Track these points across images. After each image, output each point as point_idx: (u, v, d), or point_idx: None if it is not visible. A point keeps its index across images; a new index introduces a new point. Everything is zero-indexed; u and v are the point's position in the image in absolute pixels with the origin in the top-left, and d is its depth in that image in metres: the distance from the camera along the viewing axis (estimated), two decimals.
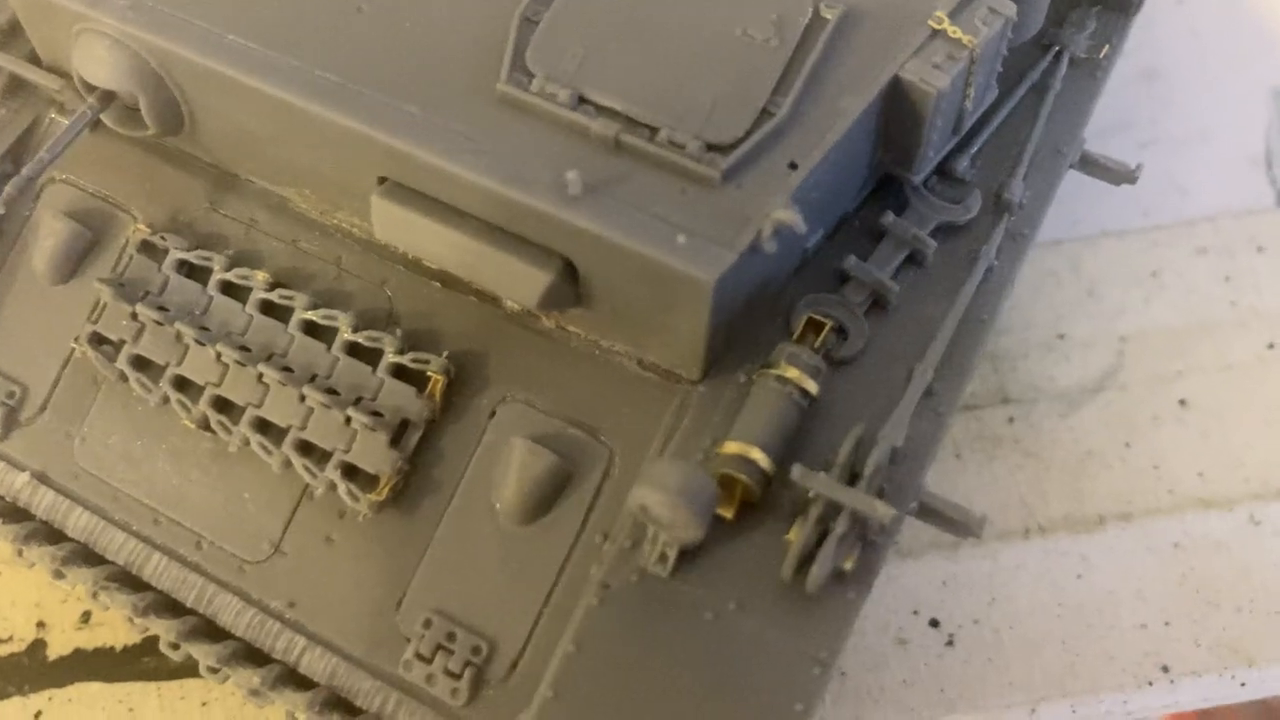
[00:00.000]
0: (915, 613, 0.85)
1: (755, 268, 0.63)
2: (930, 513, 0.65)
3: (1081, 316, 0.94)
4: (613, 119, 0.63)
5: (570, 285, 0.65)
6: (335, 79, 0.66)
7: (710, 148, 0.62)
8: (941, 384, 0.66)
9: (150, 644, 0.88)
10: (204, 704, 0.86)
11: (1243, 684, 0.83)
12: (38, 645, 0.88)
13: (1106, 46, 0.75)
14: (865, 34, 0.64)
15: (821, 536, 0.60)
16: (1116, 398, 0.91)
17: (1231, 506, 0.87)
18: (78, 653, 0.88)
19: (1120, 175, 0.74)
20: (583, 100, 0.64)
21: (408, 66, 0.66)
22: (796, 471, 0.60)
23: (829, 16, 0.64)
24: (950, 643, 0.84)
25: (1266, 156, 0.99)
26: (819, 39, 0.64)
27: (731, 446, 0.62)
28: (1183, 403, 0.90)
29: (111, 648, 0.88)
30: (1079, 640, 0.84)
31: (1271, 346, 0.92)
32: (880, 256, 0.69)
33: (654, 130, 0.63)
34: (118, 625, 0.88)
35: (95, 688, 0.87)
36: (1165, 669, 0.83)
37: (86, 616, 0.89)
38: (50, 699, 0.86)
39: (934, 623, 0.85)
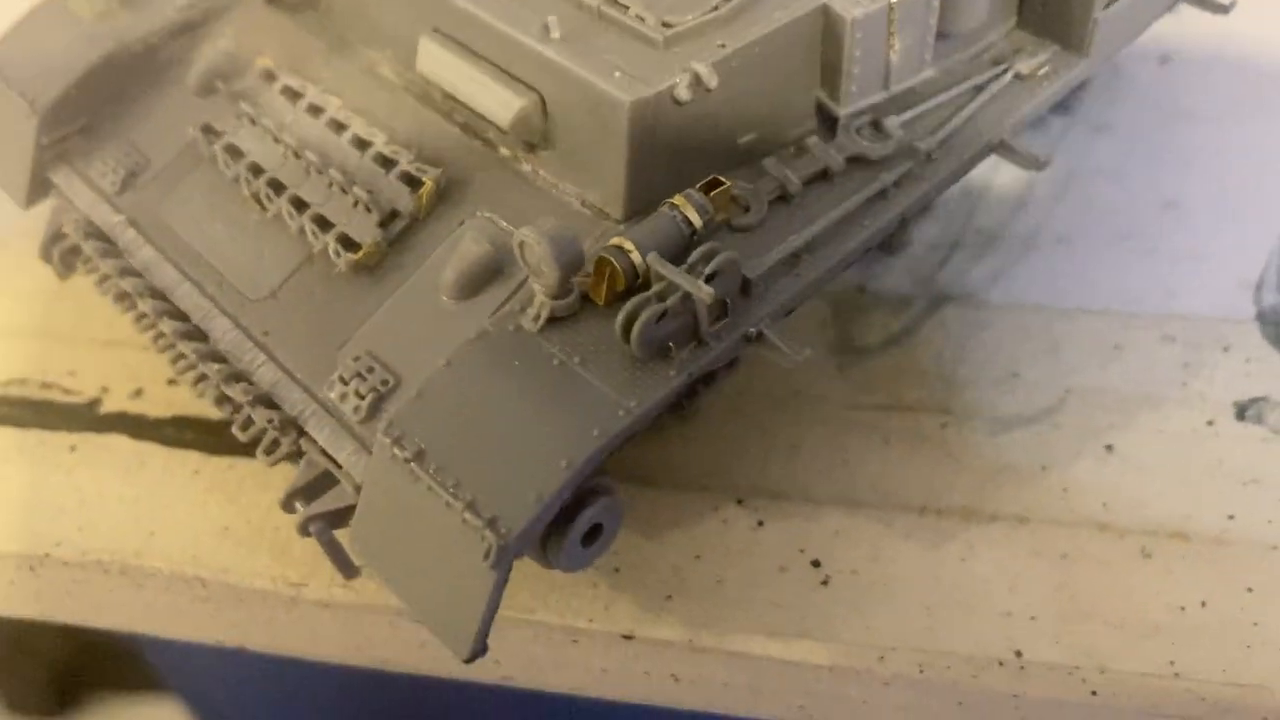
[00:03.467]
0: (802, 550, 0.92)
1: (678, 124, 0.78)
2: (764, 342, 0.76)
3: (1038, 366, 1.02)
4: None
5: (539, 117, 0.82)
6: None
7: (664, 24, 0.79)
8: (809, 256, 0.78)
9: (175, 420, 1.06)
10: (196, 471, 1.02)
11: (1093, 691, 0.85)
12: (95, 402, 1.08)
13: (1046, 68, 0.88)
14: None
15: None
16: (1048, 432, 0.97)
17: (1125, 536, 0.90)
18: (122, 414, 1.07)
19: (1029, 162, 0.86)
20: None
21: None
22: (651, 257, 0.73)
23: None
24: (825, 583, 0.90)
25: (1258, 282, 1.05)
26: None
27: (614, 240, 0.76)
28: (1109, 448, 0.96)
29: (146, 416, 1.06)
30: (944, 610, 0.88)
31: (1211, 424, 0.96)
32: (797, 165, 0.82)
33: (627, 8, 0.81)
34: (158, 402, 1.06)
35: (123, 440, 1.05)
36: (1018, 653, 0.86)
37: (139, 392, 1.08)
38: (86, 439, 1.05)
39: (816, 563, 0.92)
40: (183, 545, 0.97)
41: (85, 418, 1.07)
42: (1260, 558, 0.88)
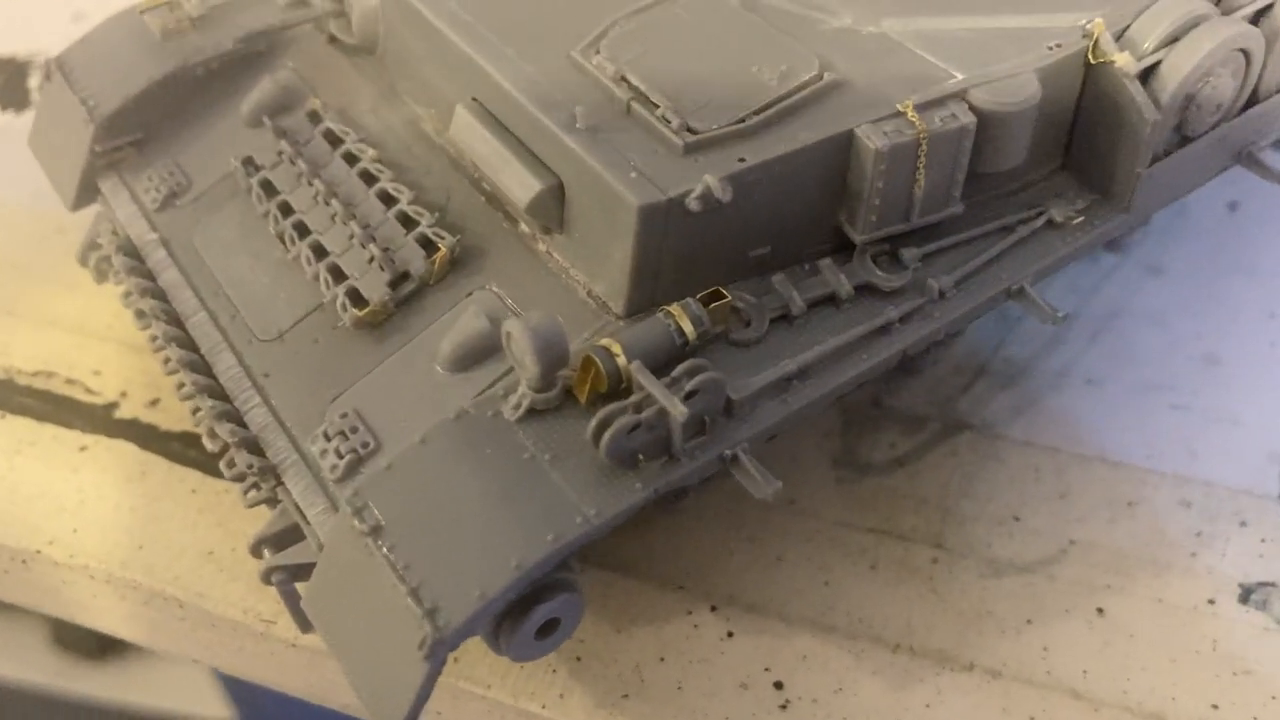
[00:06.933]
0: (767, 669, 0.91)
1: (687, 231, 0.78)
2: (739, 466, 0.74)
3: (1043, 511, 0.99)
4: (633, 92, 0.81)
5: (557, 202, 0.82)
6: (472, 20, 0.89)
7: (688, 129, 0.79)
8: (800, 383, 0.77)
9: (183, 435, 1.08)
10: (193, 490, 1.03)
11: None
12: (112, 405, 1.10)
13: (1081, 218, 0.85)
14: (845, 98, 0.80)
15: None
16: (1040, 583, 0.94)
17: (1100, 709, 0.87)
18: (135, 421, 1.09)
19: (1046, 315, 0.83)
20: (623, 78, 0.83)
21: (526, 27, 0.88)
22: (634, 364, 0.72)
23: (825, 79, 0.81)
24: (784, 707, 0.89)
25: None
26: (808, 89, 0.80)
27: (602, 341, 0.75)
28: (1100, 611, 0.92)
29: (157, 427, 1.08)
30: None
31: (1212, 602, 0.93)
32: (805, 286, 0.81)
33: (656, 106, 0.80)
34: (172, 415, 1.08)
35: (131, 447, 1.07)
36: None
37: (155, 402, 1.10)
38: (98, 441, 1.07)
39: (779, 685, 0.90)
40: (167, 563, 0.99)
41: (101, 420, 1.09)
42: None
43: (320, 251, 0.91)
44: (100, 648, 2.04)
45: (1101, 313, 1.13)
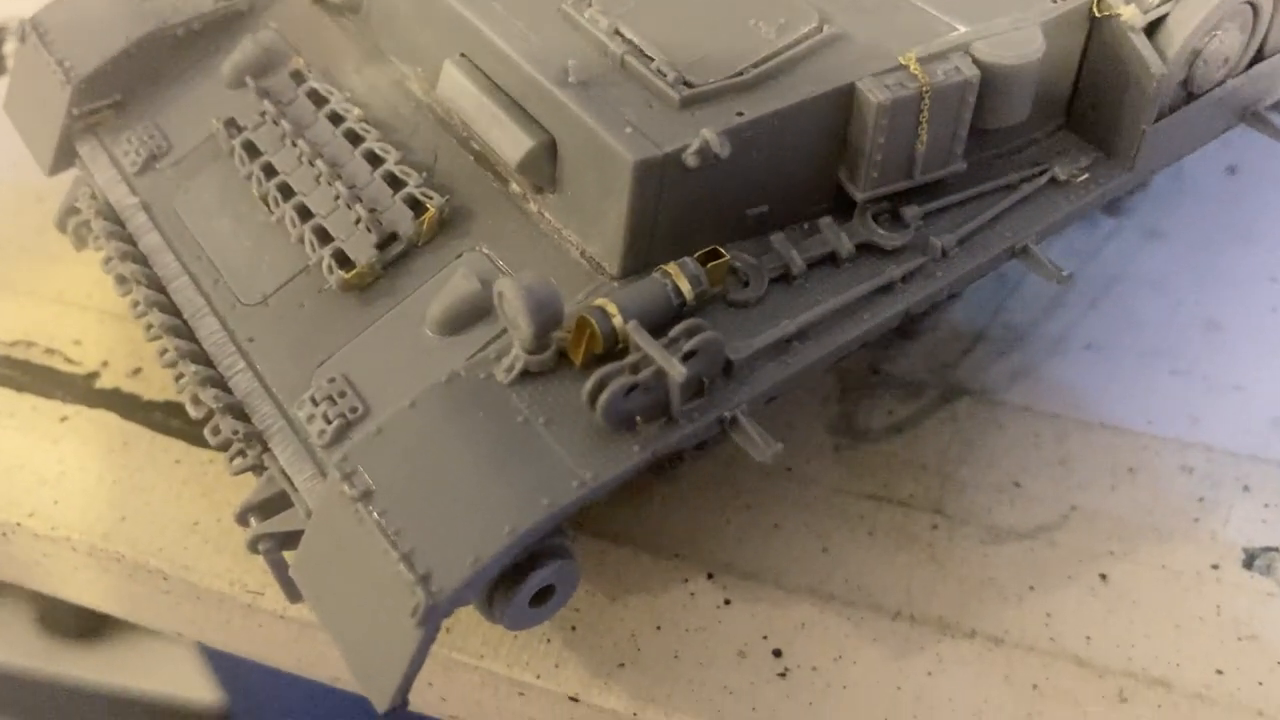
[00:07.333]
0: (765, 637, 0.89)
1: (684, 188, 0.75)
2: (738, 428, 0.72)
3: (1044, 477, 0.97)
4: (627, 46, 0.79)
5: (549, 159, 0.80)
6: None
7: (685, 83, 0.77)
8: (800, 344, 0.75)
9: (166, 405, 1.05)
10: (177, 461, 1.01)
11: None
12: (93, 375, 1.08)
13: (1085, 176, 0.83)
14: (846, 50, 0.78)
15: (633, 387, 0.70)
16: (1041, 549, 0.93)
17: (1104, 675, 0.86)
18: (117, 391, 1.06)
19: (1051, 274, 0.81)
20: (616, 32, 0.81)
21: None
22: (631, 324, 0.70)
23: (825, 31, 0.79)
24: (783, 675, 0.87)
25: None
26: (808, 42, 0.78)
27: (597, 301, 0.73)
28: (1103, 577, 0.91)
29: (140, 397, 1.06)
30: None
31: (1216, 568, 0.91)
32: (804, 245, 0.79)
33: (651, 60, 0.78)
34: (154, 384, 1.06)
35: (113, 418, 1.04)
36: None
37: (137, 371, 1.08)
38: (79, 412, 1.05)
39: (777, 653, 0.88)
40: (151, 535, 0.97)
41: (81, 390, 1.06)
42: None
43: (305, 213, 0.88)
44: (86, 630, 2.02)
45: (1101, 277, 1.12)
